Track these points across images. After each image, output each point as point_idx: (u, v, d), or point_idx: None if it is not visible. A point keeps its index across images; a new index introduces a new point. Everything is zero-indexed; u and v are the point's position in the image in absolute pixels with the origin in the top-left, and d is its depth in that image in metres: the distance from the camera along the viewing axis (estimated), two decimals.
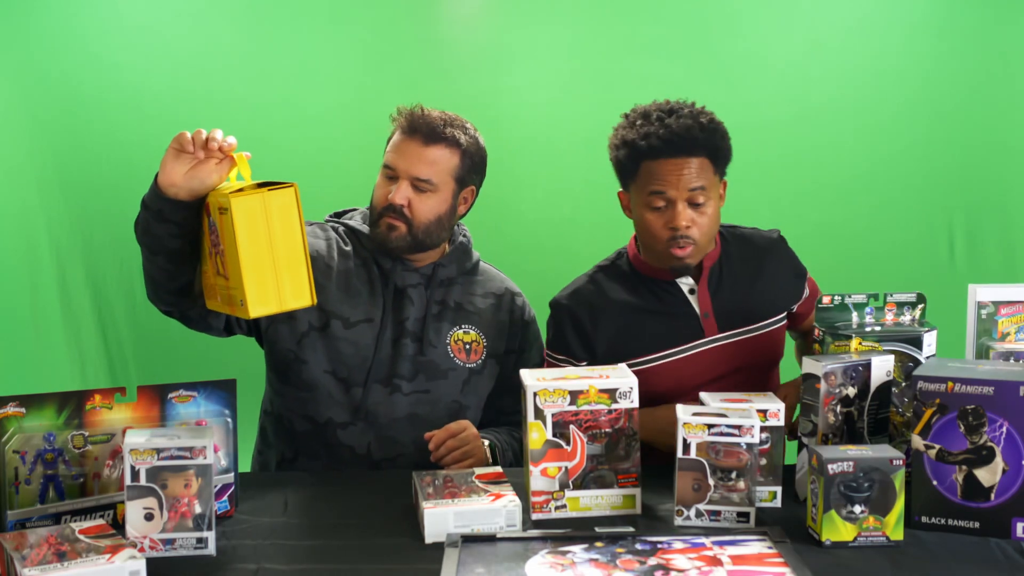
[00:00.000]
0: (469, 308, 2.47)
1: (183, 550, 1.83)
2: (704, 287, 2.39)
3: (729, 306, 2.39)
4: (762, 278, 2.42)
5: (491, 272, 2.58)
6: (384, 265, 2.43)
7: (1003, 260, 3.58)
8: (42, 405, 1.88)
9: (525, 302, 2.57)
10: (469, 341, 2.45)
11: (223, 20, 3.54)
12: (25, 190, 3.42)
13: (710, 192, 2.30)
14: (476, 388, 2.45)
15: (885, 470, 1.83)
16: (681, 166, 2.28)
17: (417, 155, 2.38)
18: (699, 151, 2.29)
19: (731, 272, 2.42)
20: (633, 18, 3.58)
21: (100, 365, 3.56)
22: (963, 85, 3.57)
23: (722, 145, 2.33)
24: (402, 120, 2.42)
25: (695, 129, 2.27)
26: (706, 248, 2.34)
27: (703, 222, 2.30)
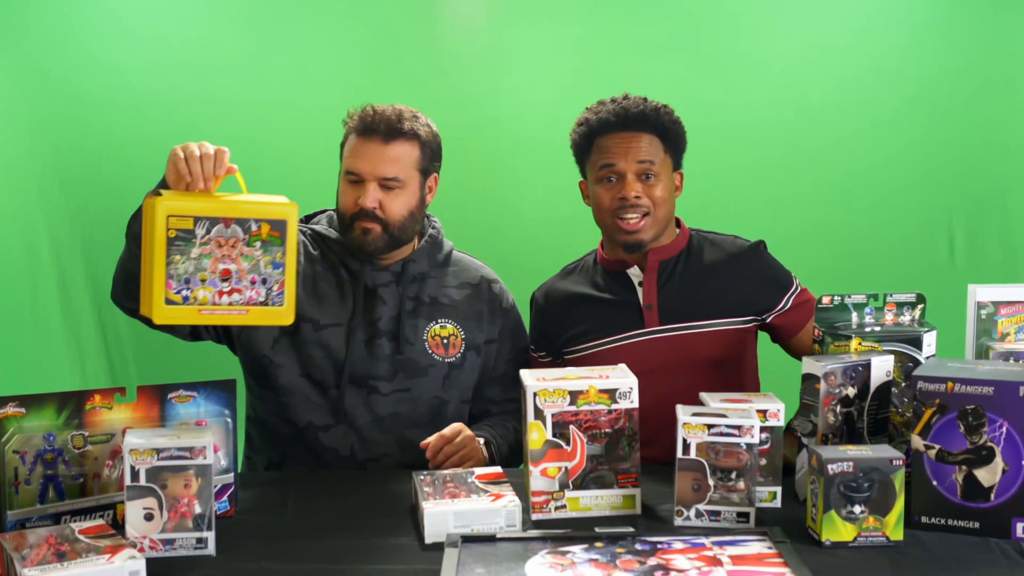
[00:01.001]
0: (444, 301, 2.47)
1: (183, 550, 1.83)
2: (652, 279, 2.47)
3: (675, 301, 2.46)
4: (719, 279, 2.48)
5: (466, 261, 2.57)
6: (352, 267, 2.42)
7: (1003, 260, 3.58)
8: (42, 405, 1.88)
9: (503, 288, 2.57)
10: (447, 335, 2.45)
11: (223, 20, 3.54)
12: (25, 190, 3.42)
13: (660, 170, 2.44)
14: (457, 382, 2.45)
15: (885, 470, 1.83)
16: (629, 140, 2.43)
17: (379, 155, 2.36)
18: (647, 128, 2.44)
19: (685, 270, 2.49)
20: (633, 18, 3.58)
21: (100, 365, 3.56)
22: (963, 85, 3.57)
23: (672, 128, 2.46)
24: (355, 122, 2.40)
25: (644, 108, 2.43)
26: (660, 224, 2.45)
27: (654, 194, 2.43)
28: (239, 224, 2.03)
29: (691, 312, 2.45)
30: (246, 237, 2.03)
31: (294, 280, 2.08)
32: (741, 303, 2.46)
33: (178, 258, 1.99)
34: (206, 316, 2.03)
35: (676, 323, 2.45)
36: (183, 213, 1.99)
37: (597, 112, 2.47)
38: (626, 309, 2.48)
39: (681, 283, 2.47)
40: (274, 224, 2.05)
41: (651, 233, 2.44)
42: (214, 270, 2.02)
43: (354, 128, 2.40)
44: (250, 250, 2.04)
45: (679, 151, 2.50)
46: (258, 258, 2.04)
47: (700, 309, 2.45)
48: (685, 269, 2.49)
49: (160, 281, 1.99)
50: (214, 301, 2.02)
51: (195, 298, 2.01)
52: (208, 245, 2.01)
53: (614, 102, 2.46)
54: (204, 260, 2.01)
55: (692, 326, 2.44)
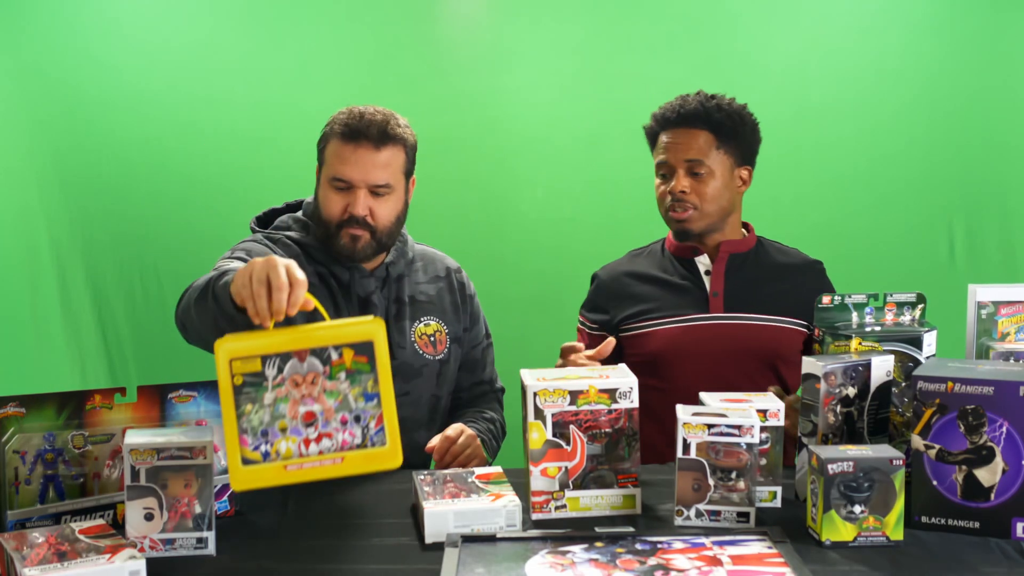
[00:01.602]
0: (422, 298, 2.47)
1: (183, 550, 1.83)
2: (720, 268, 2.56)
3: (741, 292, 2.54)
4: (784, 281, 2.57)
5: (428, 253, 2.57)
6: (342, 277, 2.39)
7: (1003, 260, 3.58)
8: (42, 405, 1.88)
9: (465, 275, 2.60)
10: (432, 333, 2.45)
11: (223, 20, 3.54)
12: (25, 190, 3.42)
13: (710, 165, 2.51)
14: (447, 378, 2.48)
15: (885, 470, 1.83)
16: (680, 136, 2.53)
17: (371, 161, 2.32)
18: (700, 124, 2.52)
19: (754, 264, 2.59)
20: (633, 18, 3.58)
21: (100, 365, 3.56)
22: (963, 85, 3.57)
23: (729, 124, 2.51)
24: (340, 127, 2.34)
25: (698, 106, 2.51)
26: (711, 217, 2.53)
27: (703, 190, 2.51)
28: (316, 355, 1.73)
29: (755, 304, 2.54)
30: (327, 369, 1.73)
31: (394, 411, 1.76)
32: (802, 307, 2.51)
33: (249, 408, 1.71)
34: (293, 473, 1.72)
35: (740, 312, 2.53)
36: (247, 354, 1.70)
37: (663, 108, 2.56)
38: (692, 293, 2.57)
39: (749, 277, 2.57)
40: (359, 348, 1.74)
41: (700, 225, 2.55)
42: (295, 415, 1.72)
43: (340, 133, 2.33)
44: (334, 384, 1.73)
45: (742, 147, 2.56)
46: (345, 392, 1.74)
47: (764, 303, 2.54)
48: (755, 265, 2.59)
49: (233, 439, 1.70)
50: (300, 452, 1.72)
51: (277, 452, 1.71)
52: (283, 387, 1.72)
53: (681, 98, 2.55)
54: (281, 405, 1.72)
55: (754, 318, 2.53)
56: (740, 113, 2.54)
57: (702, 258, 2.59)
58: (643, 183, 2.95)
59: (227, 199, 3.50)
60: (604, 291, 2.66)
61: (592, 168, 3.64)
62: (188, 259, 2.93)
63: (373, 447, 1.75)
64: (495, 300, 3.51)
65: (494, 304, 3.51)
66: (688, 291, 2.57)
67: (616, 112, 3.60)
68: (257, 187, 3.45)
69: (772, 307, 2.54)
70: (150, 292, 3.56)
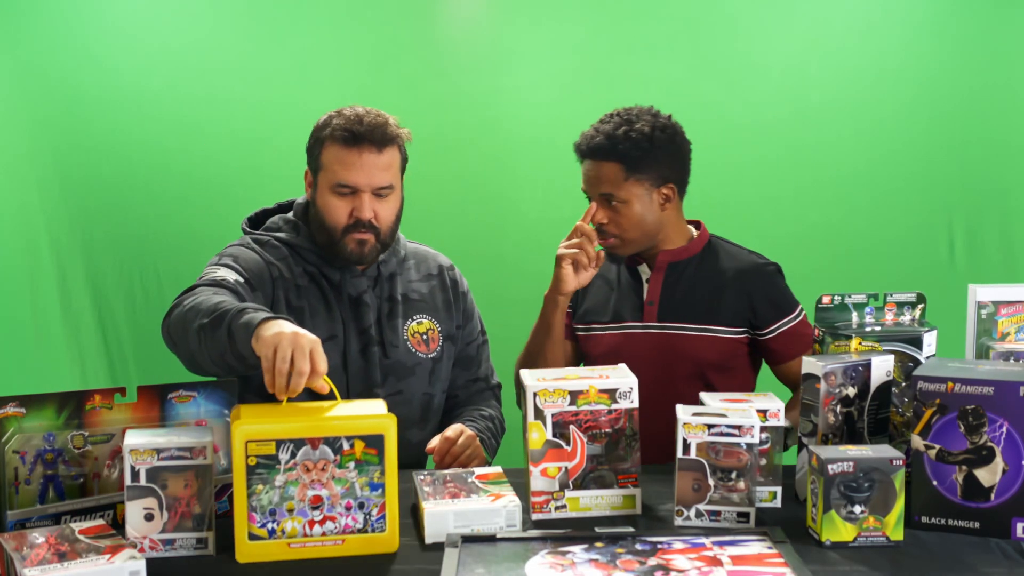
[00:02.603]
0: (415, 297, 2.47)
1: (183, 550, 1.83)
2: (658, 278, 2.56)
3: (675, 301, 2.54)
4: (723, 287, 2.53)
5: (420, 251, 2.56)
6: (332, 277, 2.38)
7: (1003, 260, 3.58)
8: (42, 405, 1.88)
9: (457, 272, 2.59)
10: (424, 331, 2.45)
11: (223, 20, 3.54)
12: (25, 190, 3.42)
13: (622, 196, 2.49)
14: (440, 375, 2.47)
15: (885, 470, 1.83)
16: (591, 169, 2.53)
17: (374, 164, 2.32)
18: (604, 156, 2.50)
19: (695, 274, 2.56)
20: (633, 18, 3.58)
21: (100, 365, 3.56)
22: (963, 84, 3.57)
23: (634, 153, 2.47)
24: (342, 133, 2.31)
25: (604, 139, 2.49)
26: (635, 243, 2.53)
27: (620, 220, 2.50)
28: (328, 444, 1.81)
29: (687, 314, 2.53)
30: (337, 458, 1.81)
31: (396, 501, 1.84)
32: (738, 314, 2.52)
33: (260, 488, 1.79)
34: (296, 551, 1.81)
35: (671, 322, 2.53)
36: (263, 437, 1.79)
37: (580, 137, 2.54)
38: (631, 301, 2.57)
39: (687, 286, 2.54)
40: (369, 441, 1.82)
41: (626, 251, 2.55)
42: (303, 498, 1.81)
43: (342, 138, 2.31)
44: (343, 472, 1.81)
45: (657, 170, 2.50)
46: (353, 480, 1.82)
47: (696, 313, 2.52)
48: (695, 273, 2.56)
49: (242, 515, 1.79)
50: (304, 532, 1.81)
51: (283, 531, 1.80)
52: (294, 471, 1.80)
53: (594, 127, 2.52)
54: (291, 488, 1.80)
55: (685, 327, 2.52)
56: (650, 137, 2.47)
57: (643, 267, 2.58)
58: None
59: (227, 199, 3.50)
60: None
61: None
62: (188, 259, 2.93)
63: (373, 533, 1.84)
64: (495, 300, 3.51)
65: (494, 304, 3.51)
66: (628, 299, 2.58)
67: None
68: (257, 187, 3.45)
69: (704, 316, 2.51)
70: (150, 292, 3.56)
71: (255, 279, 2.30)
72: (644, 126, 2.48)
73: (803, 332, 2.50)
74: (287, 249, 2.38)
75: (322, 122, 2.38)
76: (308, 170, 2.40)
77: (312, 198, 2.39)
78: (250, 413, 1.85)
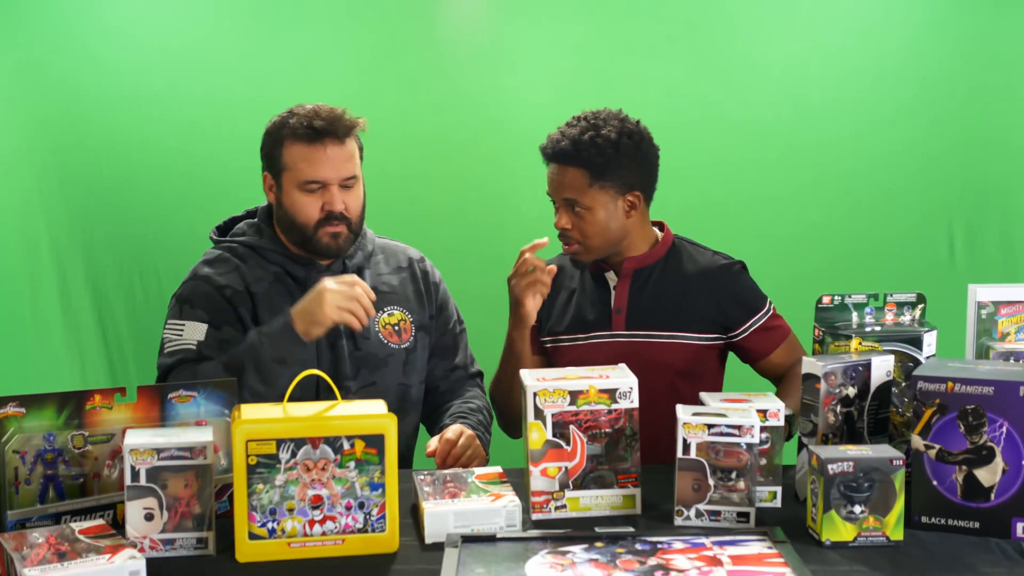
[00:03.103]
0: (385, 289, 2.48)
1: (183, 550, 1.83)
2: (624, 285, 2.53)
3: (643, 309, 2.51)
4: (689, 292, 2.51)
5: (390, 245, 2.58)
6: (297, 275, 2.40)
7: (1003, 260, 3.57)
8: (42, 405, 1.88)
9: (428, 263, 2.60)
10: (396, 322, 2.46)
11: (223, 20, 3.54)
12: (25, 189, 3.42)
13: (586, 202, 2.44)
14: (415, 366, 2.48)
15: (885, 470, 1.83)
16: (555, 173, 2.48)
17: (339, 156, 2.35)
18: (569, 161, 2.45)
19: (660, 279, 2.53)
20: (633, 18, 3.58)
21: (100, 365, 3.56)
22: (963, 84, 3.57)
23: (599, 160, 2.43)
24: (304, 130, 2.33)
25: (570, 144, 2.44)
26: (598, 250, 2.49)
27: (583, 227, 2.46)
28: (329, 444, 1.82)
29: (656, 322, 2.50)
30: (337, 458, 1.82)
31: (396, 501, 1.85)
32: (706, 319, 2.50)
33: (261, 487, 1.80)
34: (296, 550, 1.81)
35: (640, 330, 2.51)
36: (264, 437, 1.80)
37: (547, 140, 2.50)
38: (598, 309, 2.54)
39: (653, 292, 2.52)
40: (369, 440, 1.83)
41: (589, 257, 2.51)
42: (303, 498, 1.82)
43: (302, 135, 2.33)
44: (343, 472, 1.83)
45: (622, 177, 2.45)
46: (353, 480, 1.83)
47: (665, 320, 2.50)
48: (660, 278, 2.53)
49: (242, 514, 1.80)
50: (304, 532, 1.82)
51: (283, 530, 1.81)
52: (295, 471, 1.81)
53: (561, 131, 2.48)
54: (291, 487, 1.81)
55: (655, 335, 2.50)
56: (616, 144, 2.43)
57: (610, 274, 2.55)
58: None
59: (227, 199, 3.48)
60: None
61: None
62: (188, 259, 2.92)
63: (373, 533, 1.85)
64: (495, 300, 3.50)
65: (494, 304, 3.50)
66: (596, 307, 2.54)
67: None
68: (257, 187, 3.42)
69: (673, 322, 2.49)
70: (150, 292, 3.56)
71: (214, 315, 2.34)
72: (610, 132, 2.44)
73: (775, 325, 2.52)
74: (251, 251, 2.41)
75: (275, 124, 2.40)
76: (267, 174, 2.42)
77: (277, 200, 2.41)
78: (250, 413, 1.86)
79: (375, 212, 3.24)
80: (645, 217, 2.55)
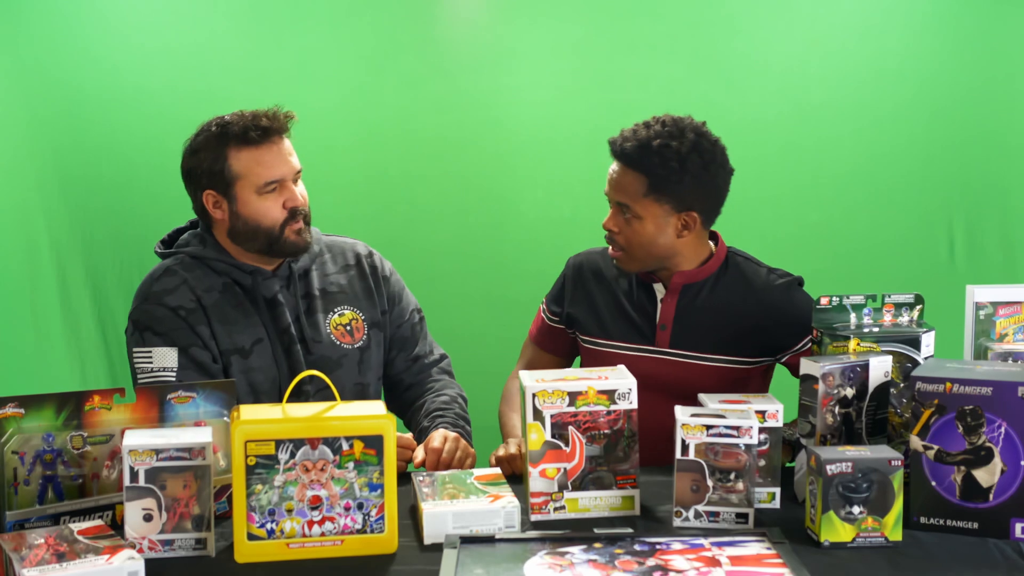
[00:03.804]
0: (333, 289, 2.47)
1: (182, 551, 1.83)
2: (672, 300, 2.43)
3: (689, 328, 2.42)
4: (739, 316, 2.41)
5: (337, 242, 2.56)
6: (244, 283, 2.39)
7: (1003, 260, 3.57)
8: (41, 406, 1.88)
9: (378, 256, 2.58)
10: (347, 322, 2.45)
11: (223, 20, 3.54)
12: (25, 189, 3.42)
13: (638, 210, 2.35)
14: (371, 363, 2.48)
15: (883, 471, 1.83)
16: (616, 173, 2.39)
17: (288, 152, 2.36)
18: (632, 165, 2.35)
19: (709, 297, 2.44)
20: (633, 18, 3.58)
21: (100, 365, 3.56)
22: (963, 84, 3.56)
23: (662, 172, 2.32)
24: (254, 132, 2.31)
25: (637, 147, 2.33)
26: (641, 261, 2.41)
27: (630, 234, 2.38)
28: (328, 444, 1.82)
29: (700, 343, 2.41)
30: (336, 458, 1.82)
31: (395, 502, 1.85)
32: (755, 343, 2.41)
33: (259, 488, 1.80)
34: (295, 551, 1.82)
35: (683, 349, 2.42)
36: (263, 437, 1.80)
37: (619, 134, 2.40)
38: (643, 322, 2.46)
39: (701, 311, 2.42)
40: (368, 441, 1.83)
41: (632, 266, 2.42)
42: (302, 498, 1.82)
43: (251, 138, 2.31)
44: (342, 472, 1.82)
45: (681, 195, 2.35)
46: (352, 481, 1.83)
47: (710, 342, 2.41)
48: (710, 297, 2.43)
49: (241, 515, 1.80)
50: (303, 533, 1.82)
51: (282, 531, 1.81)
52: (293, 471, 1.81)
53: (632, 130, 2.38)
54: (290, 488, 1.81)
55: (698, 356, 2.42)
56: (683, 159, 2.31)
57: (657, 285, 2.45)
58: None
59: None
60: (571, 283, 2.56)
61: (592, 168, 3.60)
62: None
63: (372, 533, 1.85)
64: (495, 300, 3.52)
65: (494, 304, 3.52)
66: (640, 318, 2.45)
67: (616, 112, 3.56)
68: None
69: (718, 346, 2.40)
70: None
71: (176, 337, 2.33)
72: (682, 145, 2.32)
73: None
74: (198, 262, 2.40)
75: (212, 137, 2.36)
76: (209, 192, 2.37)
77: (231, 213, 2.37)
78: (249, 413, 1.86)
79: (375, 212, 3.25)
80: (701, 236, 2.43)
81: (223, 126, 2.35)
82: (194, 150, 2.39)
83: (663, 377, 2.40)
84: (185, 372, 2.31)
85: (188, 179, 2.42)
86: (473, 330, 2.73)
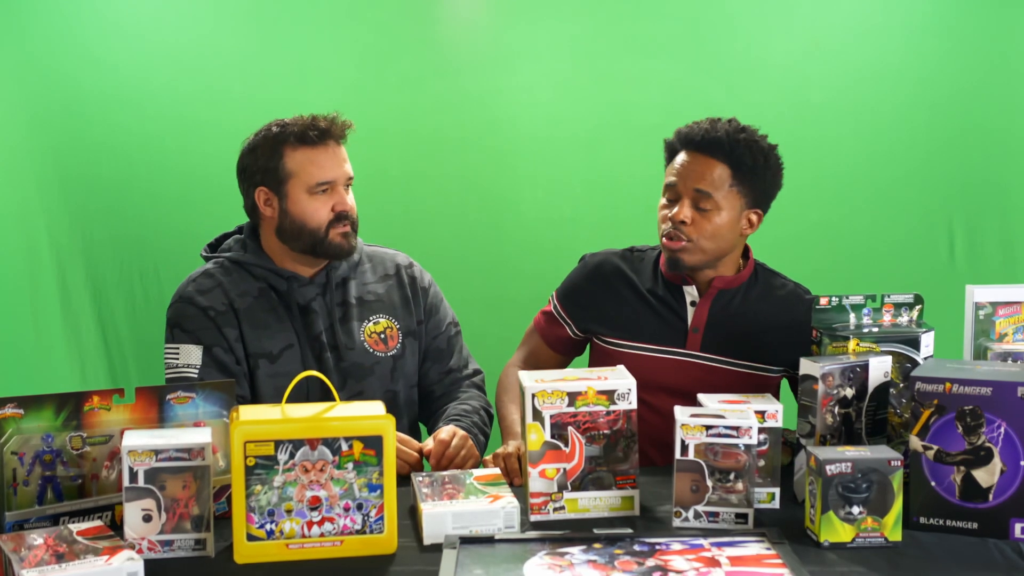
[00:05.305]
0: (370, 298, 2.48)
1: (181, 551, 1.83)
2: (706, 304, 2.43)
3: (722, 331, 2.42)
4: (770, 325, 2.41)
5: (378, 253, 2.58)
6: (279, 288, 2.41)
7: (1003, 260, 3.58)
8: (40, 406, 1.88)
9: (419, 268, 2.59)
10: (381, 330, 2.46)
11: (223, 20, 3.54)
12: (25, 190, 3.42)
13: (718, 201, 2.34)
14: (403, 372, 2.48)
15: (883, 471, 1.83)
16: (695, 162, 2.36)
17: (342, 157, 2.40)
18: (719, 155, 2.34)
19: (742, 304, 2.44)
20: (633, 18, 3.58)
21: (100, 365, 3.56)
22: (963, 85, 3.57)
23: (749, 161, 2.34)
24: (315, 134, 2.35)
25: (724, 135, 2.34)
26: (706, 255, 2.38)
27: (704, 225, 2.35)
28: (327, 445, 1.82)
29: (732, 349, 2.41)
30: (336, 459, 1.82)
31: (394, 502, 1.85)
32: (780, 355, 2.40)
33: (259, 488, 1.80)
34: (294, 551, 1.81)
35: (714, 354, 2.42)
36: (262, 438, 1.80)
37: (689, 127, 2.40)
38: (672, 324, 2.44)
39: (733, 317, 2.42)
40: (368, 442, 1.82)
41: (693, 259, 2.38)
42: (301, 499, 1.81)
43: (308, 138, 2.35)
44: (341, 473, 1.82)
45: (758, 189, 2.38)
46: (351, 481, 1.83)
47: (742, 348, 2.41)
48: (742, 304, 2.44)
49: (240, 515, 1.80)
50: (303, 533, 1.82)
51: (281, 531, 1.81)
52: (293, 472, 1.81)
53: (710, 121, 2.38)
54: (289, 488, 1.81)
55: (729, 362, 2.42)
56: (767, 154, 2.37)
57: (690, 288, 2.43)
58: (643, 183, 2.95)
59: (227, 199, 3.49)
60: (587, 281, 2.53)
61: (592, 168, 3.64)
62: (188, 259, 2.92)
63: (371, 534, 1.84)
64: (495, 300, 3.52)
65: (494, 304, 3.52)
66: (669, 320, 2.44)
67: (616, 112, 3.59)
68: None
69: (749, 352, 2.40)
70: (150, 292, 3.57)
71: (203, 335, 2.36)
72: (763, 141, 2.38)
73: None
74: (237, 266, 2.43)
75: (270, 136, 2.39)
76: (262, 189, 2.40)
77: (281, 211, 2.39)
78: (249, 414, 1.86)
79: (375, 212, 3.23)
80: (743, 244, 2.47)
81: (283, 126, 2.39)
82: (251, 148, 2.42)
83: (691, 380, 2.37)
84: (207, 370, 2.33)
85: (242, 176, 2.45)
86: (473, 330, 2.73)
